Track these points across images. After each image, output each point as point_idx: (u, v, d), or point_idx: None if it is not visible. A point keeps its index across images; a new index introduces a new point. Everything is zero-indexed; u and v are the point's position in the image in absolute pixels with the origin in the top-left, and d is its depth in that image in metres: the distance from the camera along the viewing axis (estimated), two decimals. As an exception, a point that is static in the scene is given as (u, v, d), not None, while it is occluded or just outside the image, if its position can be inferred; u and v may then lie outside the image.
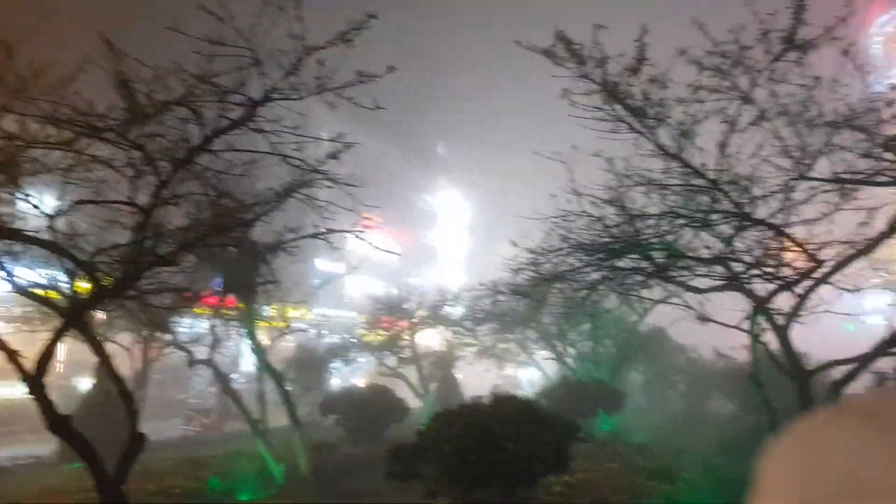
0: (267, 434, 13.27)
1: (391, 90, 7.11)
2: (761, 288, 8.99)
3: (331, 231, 10.50)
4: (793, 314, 8.74)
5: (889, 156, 7.17)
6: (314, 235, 10.46)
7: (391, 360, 25.30)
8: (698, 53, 6.88)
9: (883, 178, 7.46)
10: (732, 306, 9.66)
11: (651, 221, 8.47)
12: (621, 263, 9.32)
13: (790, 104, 7.04)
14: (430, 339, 27.64)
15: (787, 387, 8.67)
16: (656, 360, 23.68)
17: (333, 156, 8.00)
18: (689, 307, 11.30)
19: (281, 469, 12.41)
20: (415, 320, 23.85)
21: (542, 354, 24.13)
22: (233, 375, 34.50)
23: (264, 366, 12.71)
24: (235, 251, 10.69)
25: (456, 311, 23.64)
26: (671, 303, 11.75)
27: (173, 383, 27.85)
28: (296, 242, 11.12)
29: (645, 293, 12.38)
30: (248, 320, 12.32)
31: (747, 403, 16.22)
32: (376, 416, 17.18)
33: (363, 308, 25.36)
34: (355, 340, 24.81)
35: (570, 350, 21.55)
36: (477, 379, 29.26)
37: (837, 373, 8.49)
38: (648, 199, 8.15)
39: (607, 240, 8.65)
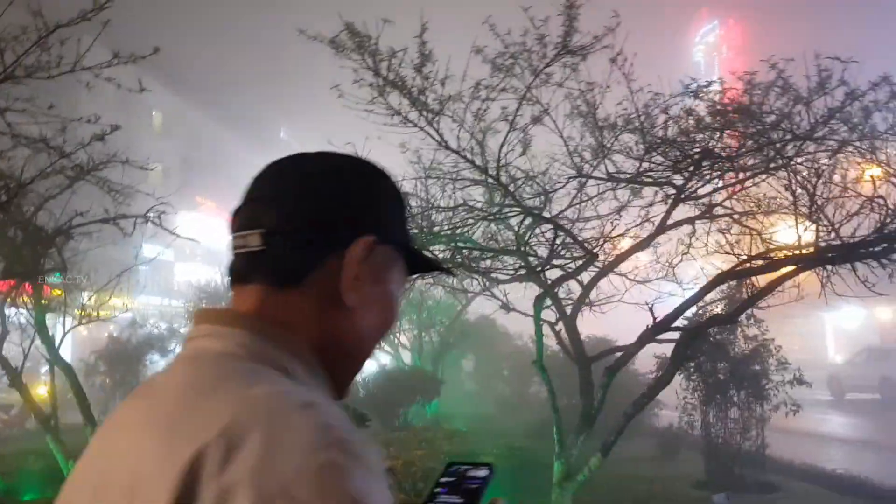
0: (66, 431, 12.53)
1: (235, 75, 6.80)
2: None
3: (123, 216, 9.98)
4: (579, 303, 9.20)
5: (657, 158, 7.67)
6: (104, 220, 9.88)
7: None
8: (491, 53, 7.08)
9: (649, 179, 7.99)
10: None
11: (449, 214, 8.64)
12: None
13: (575, 106, 7.39)
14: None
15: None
16: (484, 349, 24.36)
17: (99, 138, 7.43)
18: (495, 297, 11.69)
19: (71, 466, 11.67)
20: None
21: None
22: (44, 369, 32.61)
23: (54, 357, 11.88)
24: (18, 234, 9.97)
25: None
26: (475, 293, 12.06)
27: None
28: (88, 227, 10.56)
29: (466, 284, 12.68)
30: (37, 308, 11.48)
31: (560, 388, 16.89)
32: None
33: (200, 296, 24.43)
34: (176, 330, 23.79)
35: (403, 340, 21.83)
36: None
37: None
38: (443, 191, 8.30)
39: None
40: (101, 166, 9.34)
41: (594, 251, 8.19)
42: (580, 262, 8.94)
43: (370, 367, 20.32)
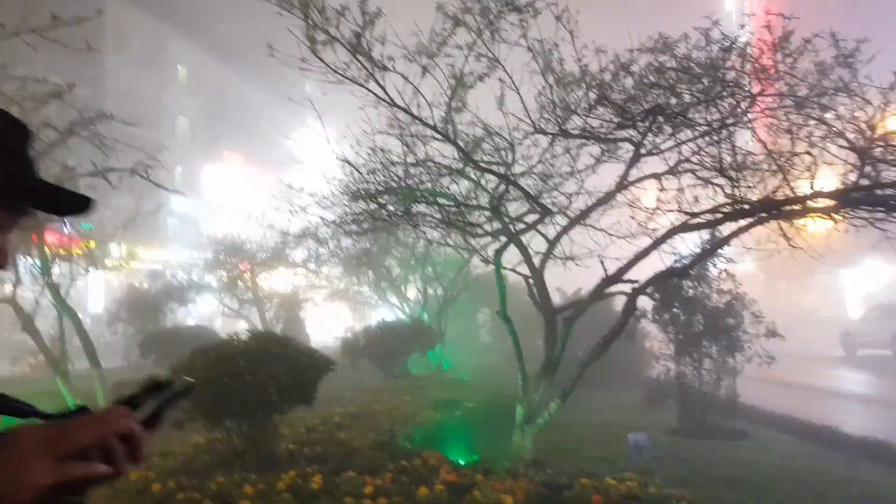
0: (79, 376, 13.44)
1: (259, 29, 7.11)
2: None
3: (110, 170, 10.49)
4: (546, 257, 9.54)
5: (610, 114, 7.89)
6: (92, 174, 10.40)
7: (233, 302, 25.57)
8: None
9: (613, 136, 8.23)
10: None
11: (420, 169, 8.95)
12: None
13: (526, 63, 7.62)
14: (281, 281, 27.79)
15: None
16: (496, 302, 24.67)
17: (57, 95, 7.86)
18: (475, 250, 12.07)
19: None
20: (255, 262, 23.99)
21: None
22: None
23: (60, 304, 12.60)
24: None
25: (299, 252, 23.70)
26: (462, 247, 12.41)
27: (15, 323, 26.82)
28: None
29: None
30: (41, 258, 12.16)
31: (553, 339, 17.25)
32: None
33: (218, 249, 25.11)
34: (196, 281, 24.55)
35: (409, 293, 22.33)
36: (330, 321, 29.73)
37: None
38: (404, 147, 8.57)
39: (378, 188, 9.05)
40: (91, 123, 9.81)
41: (548, 208, 8.45)
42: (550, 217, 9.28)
43: (370, 319, 20.89)
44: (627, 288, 8.74)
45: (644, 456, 9.02)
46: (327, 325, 28.64)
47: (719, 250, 10.70)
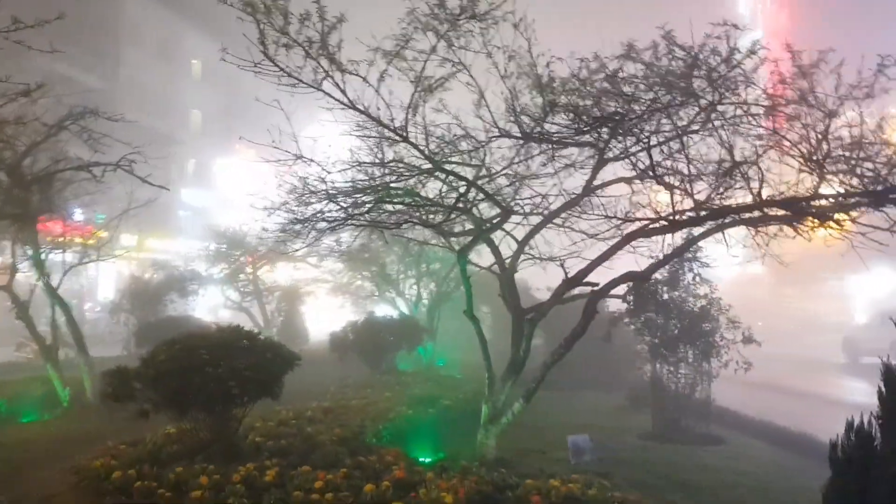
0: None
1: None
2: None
3: (96, 164, 10.74)
4: (515, 257, 9.65)
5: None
6: (79, 167, 10.66)
7: (234, 294, 25.87)
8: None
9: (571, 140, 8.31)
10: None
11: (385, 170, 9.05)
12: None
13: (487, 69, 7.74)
14: (285, 274, 28.00)
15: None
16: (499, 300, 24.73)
17: (25, 93, 8.07)
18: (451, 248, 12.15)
19: (66, 393, 12.77)
20: (256, 255, 24.25)
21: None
22: (88, 304, 34.26)
23: (50, 293, 12.88)
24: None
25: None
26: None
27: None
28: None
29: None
30: (34, 248, 12.43)
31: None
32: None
33: (220, 241, 25.32)
34: (198, 272, 24.79)
35: (407, 289, 22.47)
36: (332, 314, 29.89)
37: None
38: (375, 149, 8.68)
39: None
40: (79, 118, 10.05)
41: (510, 209, 8.56)
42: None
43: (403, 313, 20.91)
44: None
45: (585, 458, 9.11)
46: (330, 318, 28.82)
47: (692, 254, 10.84)
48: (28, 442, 10.26)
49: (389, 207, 8.90)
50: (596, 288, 8.52)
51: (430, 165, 8.53)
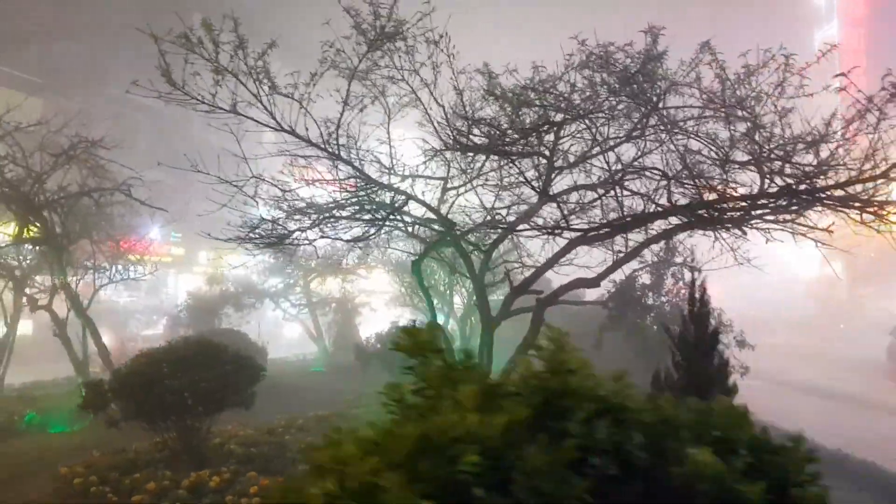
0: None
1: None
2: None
3: (99, 189, 11.54)
4: (483, 269, 9.81)
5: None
6: (81, 193, 11.48)
7: (290, 307, 26.70)
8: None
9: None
10: None
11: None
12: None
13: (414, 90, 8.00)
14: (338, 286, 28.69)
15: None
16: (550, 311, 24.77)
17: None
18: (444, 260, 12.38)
19: (94, 405, 13.63)
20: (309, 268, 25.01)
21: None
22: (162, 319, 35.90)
23: (77, 311, 13.77)
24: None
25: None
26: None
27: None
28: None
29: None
30: (59, 271, 13.35)
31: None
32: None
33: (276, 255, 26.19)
34: (256, 286, 25.66)
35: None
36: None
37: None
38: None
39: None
40: (79, 149, 10.88)
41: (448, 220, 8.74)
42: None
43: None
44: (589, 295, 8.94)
45: None
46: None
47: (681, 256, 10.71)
48: (43, 449, 11.02)
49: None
50: (541, 296, 8.57)
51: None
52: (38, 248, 13.32)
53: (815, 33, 49.05)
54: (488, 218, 9.52)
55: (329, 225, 8.72)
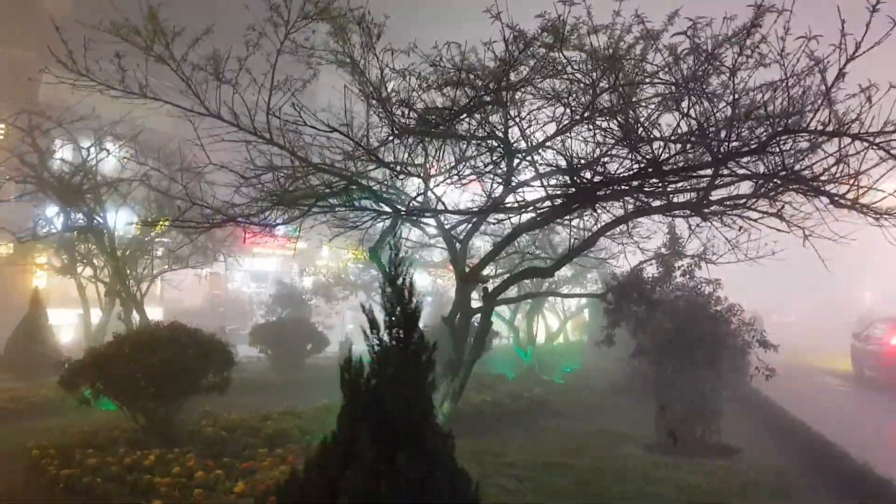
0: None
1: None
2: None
3: (120, 180, 12.11)
4: (460, 257, 9.47)
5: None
6: (103, 184, 12.08)
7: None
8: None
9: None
10: None
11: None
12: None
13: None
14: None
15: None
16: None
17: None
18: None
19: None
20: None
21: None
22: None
23: (134, 302, 14.55)
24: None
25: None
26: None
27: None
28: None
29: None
30: (112, 262, 14.23)
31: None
32: (295, 346, 18.91)
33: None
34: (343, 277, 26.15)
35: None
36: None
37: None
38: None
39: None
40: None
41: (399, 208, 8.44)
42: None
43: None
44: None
45: None
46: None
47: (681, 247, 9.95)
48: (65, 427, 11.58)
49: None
50: (487, 286, 8.14)
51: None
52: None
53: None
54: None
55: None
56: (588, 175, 6.43)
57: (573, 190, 6.67)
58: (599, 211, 8.05)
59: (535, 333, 20.15)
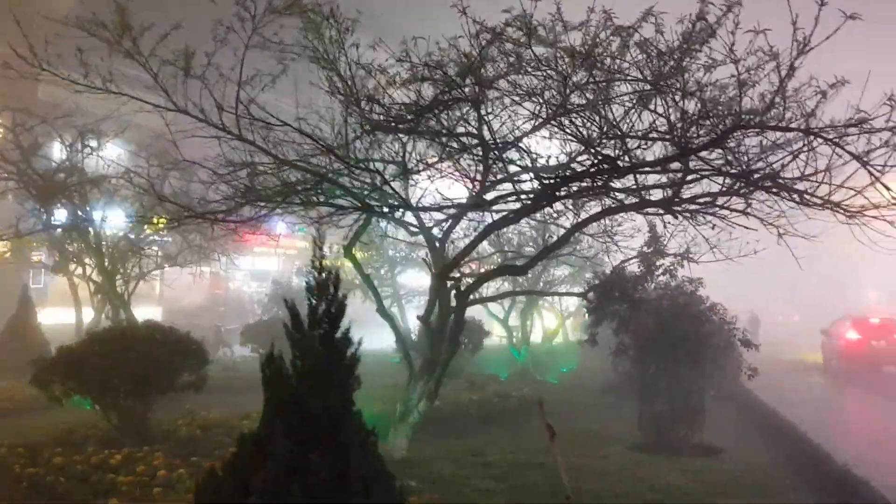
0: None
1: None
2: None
3: (103, 177, 12.10)
4: (438, 258, 9.38)
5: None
6: (86, 181, 12.05)
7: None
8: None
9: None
10: None
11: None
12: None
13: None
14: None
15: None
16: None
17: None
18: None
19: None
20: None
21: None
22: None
23: (120, 302, 14.54)
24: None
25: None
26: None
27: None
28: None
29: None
30: (98, 259, 14.21)
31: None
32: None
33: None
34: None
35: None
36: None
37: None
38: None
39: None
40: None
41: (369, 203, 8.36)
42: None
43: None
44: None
45: None
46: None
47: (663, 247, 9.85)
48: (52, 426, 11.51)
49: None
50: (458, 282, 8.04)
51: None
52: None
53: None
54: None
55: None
56: (547, 175, 6.34)
57: (539, 187, 6.57)
58: (577, 209, 7.97)
59: (529, 333, 20.01)
